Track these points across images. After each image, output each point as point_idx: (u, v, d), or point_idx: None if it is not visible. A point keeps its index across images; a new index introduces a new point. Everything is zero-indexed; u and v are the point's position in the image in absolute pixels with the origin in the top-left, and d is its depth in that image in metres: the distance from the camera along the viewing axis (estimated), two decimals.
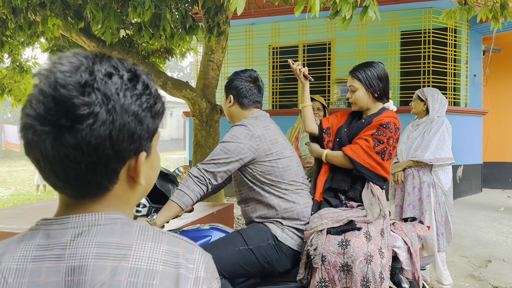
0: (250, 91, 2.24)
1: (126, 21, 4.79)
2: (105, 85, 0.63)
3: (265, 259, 2.05)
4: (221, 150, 2.05)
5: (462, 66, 7.83)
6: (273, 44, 8.51)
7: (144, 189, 0.75)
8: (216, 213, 4.23)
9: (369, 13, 2.85)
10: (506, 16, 4.36)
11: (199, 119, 5.42)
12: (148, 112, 0.67)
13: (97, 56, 0.67)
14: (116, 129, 0.63)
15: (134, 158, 0.68)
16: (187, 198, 2.00)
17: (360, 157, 2.16)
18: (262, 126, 2.15)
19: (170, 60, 6.59)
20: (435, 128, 3.55)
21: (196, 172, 2.03)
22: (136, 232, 0.68)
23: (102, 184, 0.67)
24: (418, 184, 3.53)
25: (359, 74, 2.31)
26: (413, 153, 3.56)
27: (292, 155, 2.21)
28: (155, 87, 0.70)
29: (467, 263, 4.23)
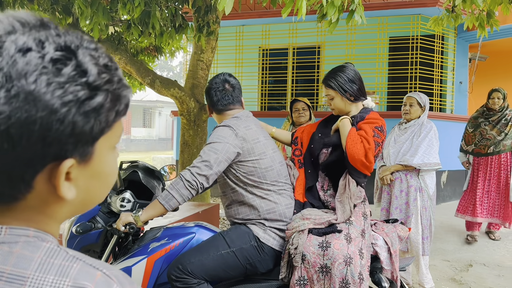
0: (224, 95, 2.24)
1: (115, 18, 4.77)
2: (12, 64, 0.47)
3: (247, 260, 2.06)
4: (210, 151, 2.05)
5: (449, 73, 7.94)
6: (263, 46, 8.53)
7: (82, 203, 0.58)
8: (202, 212, 4.23)
9: (355, 17, 2.88)
10: (492, 24, 4.44)
11: (187, 118, 5.41)
12: (75, 108, 0.49)
13: (31, 24, 0.51)
14: (17, 125, 0.47)
15: (56, 164, 0.51)
16: (174, 202, 2.00)
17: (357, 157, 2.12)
18: (244, 126, 2.16)
19: (159, 59, 6.57)
20: (424, 133, 3.56)
21: (188, 176, 2.01)
22: (38, 259, 0.51)
23: (4, 193, 0.51)
24: (406, 188, 3.55)
25: (331, 83, 2.31)
26: (401, 157, 3.57)
27: (274, 154, 2.22)
28: (100, 74, 0.52)
29: (448, 267, 4.29)
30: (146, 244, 2.14)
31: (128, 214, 2.02)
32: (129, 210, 2.12)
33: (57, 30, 0.52)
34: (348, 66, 2.35)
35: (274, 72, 8.66)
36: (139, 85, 6.93)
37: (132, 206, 2.14)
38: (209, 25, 4.55)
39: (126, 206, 2.12)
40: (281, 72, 8.61)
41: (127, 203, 2.12)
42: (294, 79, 8.46)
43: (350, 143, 2.12)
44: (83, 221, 2.13)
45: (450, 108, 8.03)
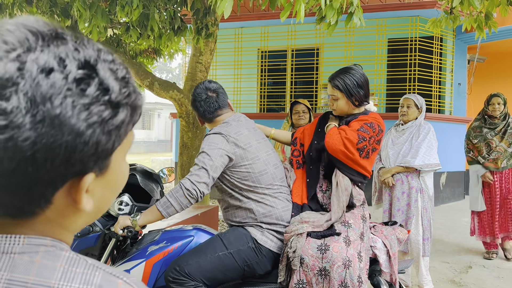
0: (208, 103, 2.24)
1: (114, 20, 4.77)
2: (36, 87, 0.45)
3: (245, 262, 2.06)
4: (205, 158, 2.06)
5: (447, 75, 7.95)
6: (262, 48, 8.54)
7: (94, 213, 0.58)
8: (201, 215, 4.23)
9: (354, 20, 2.88)
10: (491, 26, 4.44)
11: (185, 120, 5.41)
12: (99, 128, 0.48)
13: (46, 36, 0.48)
14: (43, 150, 0.46)
15: (77, 180, 0.51)
16: (172, 210, 2.00)
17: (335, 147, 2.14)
18: (234, 132, 2.17)
19: (158, 61, 6.58)
20: (423, 134, 3.56)
21: (188, 185, 2.00)
22: (61, 268, 0.51)
23: (23, 209, 0.51)
24: (407, 190, 3.54)
25: (338, 84, 2.26)
26: (401, 159, 3.56)
27: (268, 157, 2.22)
28: (121, 89, 0.51)
29: (448, 269, 4.28)
30: (144, 247, 2.14)
31: (126, 217, 2.02)
32: (127, 213, 2.12)
33: (74, 43, 0.50)
34: (357, 69, 2.32)
35: (273, 74, 8.67)
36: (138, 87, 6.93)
37: (130, 209, 2.13)
38: (207, 28, 4.55)
39: (124, 209, 2.12)
40: (280, 74, 8.62)
41: (125, 206, 2.12)
42: (293, 81, 8.47)
43: (328, 137, 2.18)
44: None
45: (449, 109, 8.04)
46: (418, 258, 3.54)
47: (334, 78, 2.30)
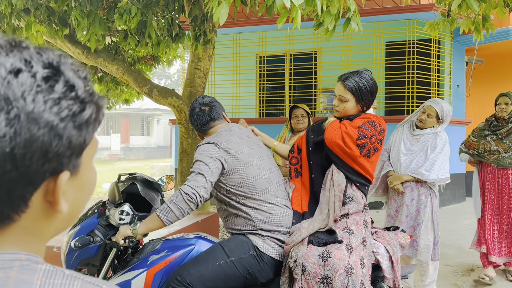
0: (200, 116, 2.31)
1: (112, 28, 4.77)
2: (8, 86, 0.48)
3: (246, 270, 2.05)
4: (200, 165, 2.07)
5: (446, 77, 7.95)
6: (260, 53, 8.55)
7: (68, 217, 0.59)
8: (201, 222, 4.21)
9: (352, 25, 2.88)
10: (488, 28, 4.45)
11: (185, 127, 5.41)
12: (70, 122, 0.51)
13: (8, 44, 0.52)
14: (21, 146, 0.48)
15: (52, 179, 0.53)
16: (172, 216, 2.00)
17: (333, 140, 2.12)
18: (225, 140, 2.20)
19: (157, 68, 6.58)
20: (440, 146, 3.42)
21: (188, 189, 2.01)
22: (38, 281, 0.51)
23: (3, 214, 0.51)
24: (417, 196, 3.44)
25: (352, 86, 2.18)
26: (415, 169, 3.42)
27: (262, 162, 2.24)
28: (85, 87, 0.54)
29: (450, 272, 4.27)
30: (145, 256, 2.13)
31: (127, 227, 2.01)
32: (128, 223, 2.11)
33: (36, 49, 0.53)
34: (369, 74, 2.26)
35: (272, 79, 8.68)
36: (136, 94, 6.93)
37: (131, 219, 2.13)
38: (205, 34, 4.56)
39: (125, 219, 2.11)
40: (278, 79, 8.63)
41: (126, 216, 2.11)
42: (292, 85, 8.47)
43: (328, 129, 2.17)
44: (82, 235, 2.12)
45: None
46: (427, 263, 3.48)
47: (348, 78, 2.21)
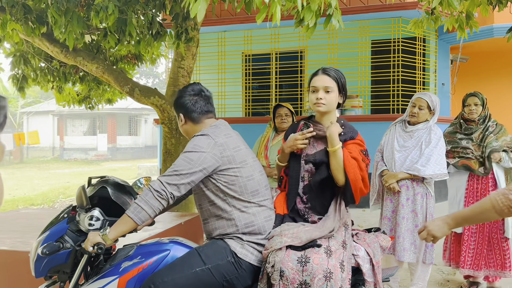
0: (197, 104, 2.19)
1: (91, 26, 4.66)
2: None
3: (224, 277, 1.97)
4: (184, 161, 1.98)
5: (431, 75, 7.97)
6: (246, 52, 8.48)
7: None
8: (184, 224, 4.12)
9: (332, 22, 2.82)
10: (472, 26, 4.44)
11: (168, 126, 5.32)
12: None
13: None
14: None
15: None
16: (144, 214, 1.91)
17: (358, 184, 2.09)
18: (224, 134, 2.09)
19: (140, 67, 6.46)
20: (434, 140, 3.31)
21: (157, 186, 1.94)
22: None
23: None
24: (412, 196, 3.34)
25: (335, 75, 2.16)
26: (410, 165, 3.32)
27: (254, 163, 2.15)
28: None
29: (435, 271, 4.24)
30: (118, 263, 2.04)
31: (96, 233, 1.92)
32: (98, 228, 2.02)
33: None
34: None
35: (258, 77, 8.61)
36: (119, 94, 6.81)
37: (101, 224, 2.04)
38: (187, 32, 4.47)
39: (95, 225, 2.02)
40: (264, 78, 8.57)
41: (96, 221, 2.02)
42: (278, 84, 8.42)
43: (352, 171, 2.05)
44: (51, 241, 2.03)
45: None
46: (417, 264, 3.39)
47: (327, 70, 2.20)
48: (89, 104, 7.02)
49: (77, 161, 25.21)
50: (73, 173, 17.14)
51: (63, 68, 5.99)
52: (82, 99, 6.95)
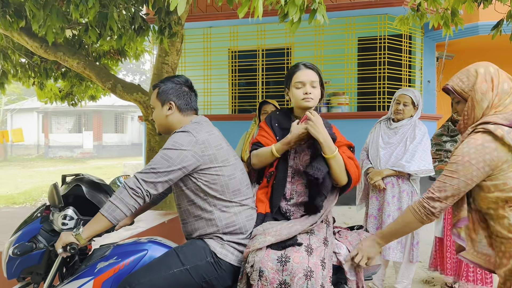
0: (189, 96, 2.11)
1: (71, 20, 4.55)
2: None
3: (203, 278, 1.91)
4: (162, 158, 1.89)
5: (417, 72, 7.99)
6: (232, 48, 8.41)
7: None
8: (168, 222, 4.05)
9: (317, 17, 2.77)
10: (457, 23, 4.44)
11: (152, 123, 5.23)
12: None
13: None
14: None
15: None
16: (119, 213, 1.83)
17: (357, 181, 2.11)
18: (206, 131, 2.01)
19: (123, 62, 6.35)
20: (419, 136, 3.31)
21: (132, 183, 1.86)
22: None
23: None
24: (398, 193, 3.32)
25: (317, 68, 2.14)
26: (395, 161, 3.30)
27: (236, 161, 2.08)
28: None
29: (420, 268, 4.24)
30: (93, 264, 1.97)
31: (69, 233, 1.85)
32: (72, 228, 1.95)
33: None
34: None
35: (245, 74, 8.54)
36: (102, 90, 6.69)
37: (75, 224, 1.96)
38: (171, 27, 4.38)
39: (69, 224, 1.94)
40: (251, 74, 8.50)
41: (70, 221, 1.94)
42: (265, 81, 8.36)
43: (353, 171, 2.05)
44: (23, 241, 1.95)
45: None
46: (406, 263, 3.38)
47: (309, 63, 2.17)
48: (71, 100, 6.89)
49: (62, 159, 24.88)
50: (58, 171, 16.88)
51: (44, 64, 5.85)
52: (65, 96, 6.81)
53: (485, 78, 1.71)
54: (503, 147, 1.61)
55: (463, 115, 1.76)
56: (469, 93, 1.73)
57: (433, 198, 1.70)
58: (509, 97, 1.69)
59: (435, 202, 1.69)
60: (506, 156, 1.61)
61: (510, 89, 1.71)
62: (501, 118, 1.64)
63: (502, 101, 1.69)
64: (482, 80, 1.71)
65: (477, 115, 1.72)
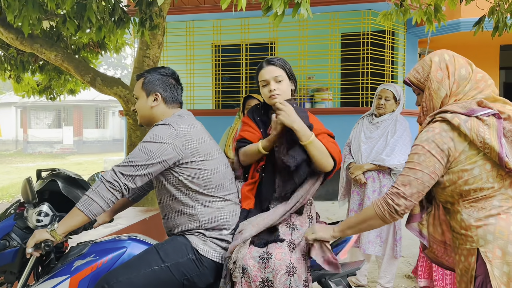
0: (176, 89, 2.05)
1: (48, 11, 4.40)
2: None
3: (184, 276, 1.85)
4: (141, 151, 1.83)
5: (399, 68, 8.04)
6: (216, 42, 8.31)
7: None
8: (149, 219, 3.97)
9: (301, 11, 2.73)
10: (440, 19, 4.46)
11: (133, 118, 5.12)
12: None
13: None
14: None
15: None
16: (96, 207, 1.76)
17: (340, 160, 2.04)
18: (187, 124, 1.95)
19: (103, 56, 6.21)
20: (400, 131, 3.33)
21: (109, 177, 1.79)
22: None
23: None
24: (378, 188, 3.33)
25: (279, 63, 2.10)
26: (375, 156, 3.32)
27: (220, 155, 2.03)
28: None
29: (403, 263, 4.27)
30: (70, 262, 1.90)
31: (43, 230, 1.77)
32: (47, 225, 1.87)
33: None
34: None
35: (228, 69, 8.47)
36: (82, 84, 6.53)
37: (50, 220, 1.88)
38: (152, 19, 4.28)
39: (44, 221, 1.86)
40: (235, 69, 8.43)
41: (45, 217, 1.87)
42: (248, 76, 8.30)
43: (335, 152, 1.98)
44: None
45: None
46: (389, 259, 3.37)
47: (271, 59, 2.13)
48: (50, 94, 6.70)
49: (42, 154, 24.39)
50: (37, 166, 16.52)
51: (21, 56, 5.67)
52: (43, 90, 6.62)
53: (439, 66, 1.64)
54: (459, 137, 1.54)
55: (422, 106, 1.69)
56: (425, 83, 1.66)
57: (398, 194, 1.57)
58: (469, 83, 1.61)
59: (400, 199, 1.57)
60: (463, 146, 1.54)
61: (469, 74, 1.63)
62: (460, 106, 1.57)
63: (461, 88, 1.61)
64: (437, 68, 1.64)
65: (435, 105, 1.65)
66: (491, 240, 1.52)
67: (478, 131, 1.51)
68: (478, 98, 1.59)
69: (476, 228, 1.55)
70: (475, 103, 1.57)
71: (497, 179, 1.53)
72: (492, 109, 1.54)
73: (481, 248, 1.53)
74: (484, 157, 1.53)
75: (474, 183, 1.53)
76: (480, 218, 1.55)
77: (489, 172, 1.53)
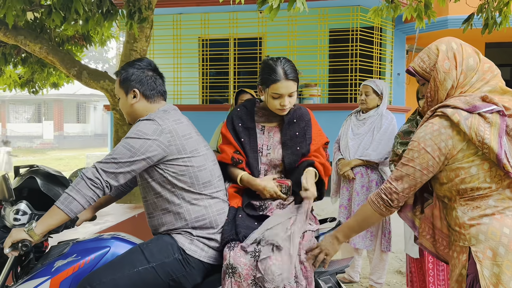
0: (154, 80, 1.96)
1: (33, 2, 4.25)
2: None
3: (170, 276, 1.79)
4: (124, 148, 1.76)
5: (387, 65, 8.07)
6: (203, 36, 8.20)
7: None
8: (138, 216, 3.89)
9: (297, 4, 2.69)
10: (430, 15, 4.47)
11: (120, 113, 5.01)
12: None
13: None
14: None
15: None
16: (76, 205, 1.69)
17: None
18: (173, 119, 1.87)
19: (88, 49, 6.06)
20: (385, 125, 3.38)
21: (90, 174, 1.71)
22: None
23: None
24: (367, 183, 3.37)
25: (297, 75, 2.04)
26: (362, 151, 3.37)
27: (207, 152, 1.96)
28: None
29: (394, 259, 4.28)
30: (50, 262, 1.82)
31: (20, 229, 1.69)
32: (25, 224, 1.78)
33: None
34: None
35: (216, 63, 8.37)
36: (66, 78, 6.37)
37: (29, 219, 1.80)
38: (141, 11, 4.18)
39: (21, 220, 1.77)
40: (222, 64, 8.33)
41: (22, 216, 1.78)
42: (236, 71, 8.23)
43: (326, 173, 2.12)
44: None
45: (389, 99, 8.18)
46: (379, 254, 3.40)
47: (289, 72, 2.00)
48: (32, 88, 6.52)
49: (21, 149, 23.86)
50: (16, 162, 16.15)
51: (3, 49, 5.49)
52: (25, 83, 6.44)
53: (447, 55, 1.55)
54: (458, 135, 1.49)
55: (426, 97, 1.62)
56: (431, 73, 1.57)
57: (391, 189, 1.60)
58: (476, 74, 1.54)
59: (392, 194, 1.60)
60: (460, 144, 1.49)
61: (477, 64, 1.55)
62: (463, 101, 1.51)
63: (468, 79, 1.54)
64: (444, 58, 1.55)
65: (441, 97, 1.57)
66: (483, 240, 1.49)
67: (478, 130, 1.46)
68: (484, 89, 1.54)
69: (469, 227, 1.52)
70: (479, 98, 1.51)
71: (495, 180, 1.50)
72: (497, 105, 1.48)
73: (472, 247, 1.50)
74: (482, 157, 1.48)
75: (471, 182, 1.50)
76: (474, 217, 1.52)
77: (486, 172, 1.49)
